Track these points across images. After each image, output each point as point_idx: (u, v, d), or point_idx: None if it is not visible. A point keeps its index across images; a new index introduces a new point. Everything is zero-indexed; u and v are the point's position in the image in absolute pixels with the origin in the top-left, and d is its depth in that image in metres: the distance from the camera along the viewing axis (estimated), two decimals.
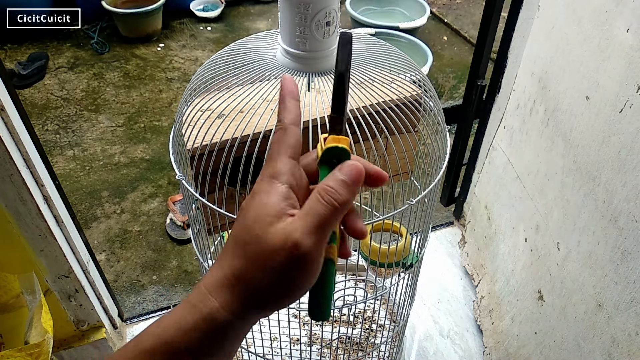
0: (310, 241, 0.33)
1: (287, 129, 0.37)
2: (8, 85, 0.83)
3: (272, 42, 0.70)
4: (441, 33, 3.01)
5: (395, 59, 0.71)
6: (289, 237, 0.32)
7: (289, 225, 0.33)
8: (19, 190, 0.86)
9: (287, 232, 0.33)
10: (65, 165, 2.03)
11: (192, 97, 0.70)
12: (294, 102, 0.38)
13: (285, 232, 0.33)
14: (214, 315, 0.33)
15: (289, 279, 0.33)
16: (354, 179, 0.35)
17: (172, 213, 1.76)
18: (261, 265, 0.33)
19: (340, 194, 0.34)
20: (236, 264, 0.34)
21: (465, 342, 1.31)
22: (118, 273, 1.62)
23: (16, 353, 0.85)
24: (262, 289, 0.33)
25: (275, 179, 0.35)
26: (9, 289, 1.00)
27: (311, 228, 0.33)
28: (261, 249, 0.33)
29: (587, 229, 0.85)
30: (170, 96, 2.42)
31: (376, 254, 0.90)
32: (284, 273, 0.33)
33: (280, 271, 0.33)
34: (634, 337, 0.74)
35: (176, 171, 0.71)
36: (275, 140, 0.37)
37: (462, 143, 1.41)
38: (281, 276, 0.33)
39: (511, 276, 1.16)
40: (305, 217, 0.33)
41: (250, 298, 0.34)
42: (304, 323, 1.14)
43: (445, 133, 0.75)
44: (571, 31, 0.87)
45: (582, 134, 0.86)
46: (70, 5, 2.69)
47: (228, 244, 0.35)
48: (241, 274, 0.33)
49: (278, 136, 0.37)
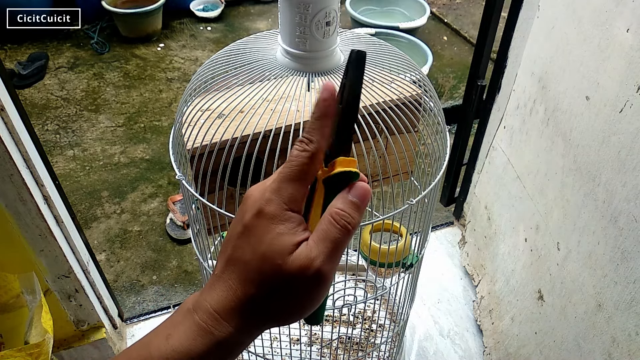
0: (330, 267, 0.34)
1: (317, 155, 0.34)
2: (8, 85, 0.83)
3: (272, 42, 0.70)
4: (441, 33, 3.01)
5: (395, 59, 0.71)
6: (312, 264, 0.33)
7: (308, 251, 0.33)
8: (19, 190, 0.86)
9: (309, 259, 0.33)
10: (65, 165, 2.03)
11: (192, 97, 0.70)
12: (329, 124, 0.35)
13: (308, 259, 0.33)
14: (228, 340, 0.33)
15: (307, 301, 0.34)
16: (364, 200, 0.35)
17: (172, 213, 1.76)
18: (282, 293, 0.33)
19: (353, 217, 0.34)
20: (252, 292, 0.33)
21: (465, 342, 1.31)
22: (118, 273, 1.62)
23: (16, 353, 0.85)
24: (279, 313, 0.34)
25: (288, 206, 0.34)
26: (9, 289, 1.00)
27: (330, 254, 0.33)
28: (282, 278, 0.33)
29: (587, 229, 0.85)
30: (170, 96, 2.42)
31: (376, 254, 0.90)
32: (304, 297, 0.34)
33: (301, 295, 0.34)
34: (634, 337, 0.74)
35: (176, 171, 0.71)
36: (298, 162, 0.34)
37: (462, 143, 1.41)
38: (300, 299, 0.34)
39: (511, 276, 1.16)
40: (322, 242, 0.34)
41: (266, 321, 0.34)
42: (304, 323, 1.14)
43: (445, 133, 0.75)
44: (571, 31, 0.87)
45: (582, 134, 0.86)
46: (70, 5, 2.69)
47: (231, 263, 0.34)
48: (256, 300, 0.34)
49: (302, 160, 0.34)
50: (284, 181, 0.34)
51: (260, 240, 0.33)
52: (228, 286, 0.34)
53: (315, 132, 0.34)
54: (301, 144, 0.34)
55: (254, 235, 0.34)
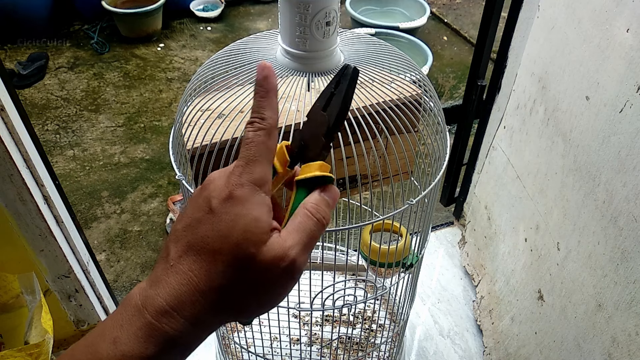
0: (304, 258, 0.33)
1: (271, 130, 0.33)
2: (8, 85, 0.83)
3: (272, 42, 0.70)
4: (441, 33, 3.01)
5: (395, 59, 0.71)
6: (286, 255, 0.32)
7: (282, 241, 0.32)
8: (19, 190, 0.86)
9: (284, 250, 0.32)
10: (65, 165, 2.03)
11: (192, 97, 0.70)
12: (276, 99, 0.34)
13: (282, 249, 0.32)
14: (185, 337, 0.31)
15: (276, 293, 0.33)
16: (334, 203, 0.36)
17: (172, 213, 1.76)
18: (251, 285, 0.32)
19: (326, 213, 0.35)
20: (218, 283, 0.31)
21: (465, 342, 1.31)
22: (118, 273, 1.62)
23: (16, 353, 0.85)
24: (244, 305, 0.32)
25: (259, 188, 0.32)
26: (9, 289, 1.00)
27: (305, 245, 0.33)
28: (254, 268, 0.31)
29: (587, 229, 0.85)
30: (170, 96, 2.42)
31: (376, 254, 0.90)
32: (274, 289, 0.33)
33: (270, 287, 0.32)
34: (634, 337, 0.74)
35: (176, 171, 0.71)
36: (256, 141, 0.33)
37: (462, 143, 1.41)
38: (270, 291, 0.32)
39: (511, 276, 1.16)
40: (297, 233, 0.33)
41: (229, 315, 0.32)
42: (304, 323, 1.14)
43: (445, 133, 0.75)
44: (571, 31, 0.87)
45: (582, 134, 0.86)
46: (70, 5, 2.70)
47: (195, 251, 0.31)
48: (224, 291, 0.31)
49: (260, 138, 0.33)
50: (249, 164, 0.32)
51: (232, 227, 0.31)
52: (188, 278, 0.31)
53: (265, 109, 0.33)
54: (253, 124, 0.33)
55: (223, 221, 0.31)
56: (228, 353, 1.08)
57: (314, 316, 1.14)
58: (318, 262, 1.13)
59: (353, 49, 0.71)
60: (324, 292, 0.80)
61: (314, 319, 1.14)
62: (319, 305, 0.81)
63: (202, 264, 0.31)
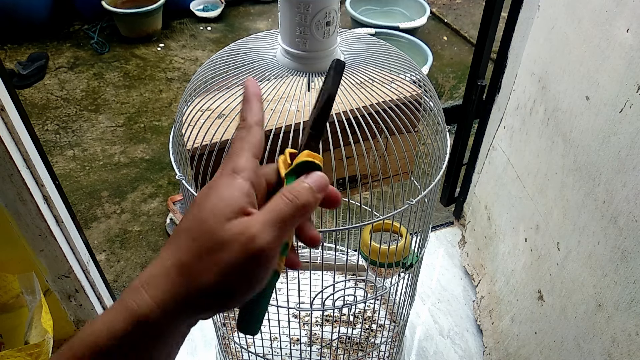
0: (268, 236, 0.32)
1: (251, 127, 0.37)
2: (8, 85, 0.83)
3: (272, 42, 0.70)
4: (441, 33, 3.01)
5: (395, 59, 0.71)
6: (246, 230, 0.31)
7: (248, 220, 0.32)
8: (19, 190, 0.86)
9: (244, 226, 0.32)
10: (65, 165, 2.03)
11: (192, 97, 0.70)
12: (258, 103, 0.38)
13: (242, 226, 0.32)
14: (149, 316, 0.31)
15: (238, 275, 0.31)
16: (319, 187, 0.35)
17: (172, 213, 1.76)
18: (210, 258, 0.31)
19: (303, 195, 0.34)
20: (181, 257, 0.32)
21: (465, 342, 1.31)
22: (118, 273, 1.62)
23: (16, 353, 0.85)
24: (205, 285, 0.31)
25: (236, 174, 0.34)
26: (9, 289, 1.00)
27: (270, 222, 0.32)
28: (213, 241, 0.31)
29: (587, 229, 0.85)
30: (170, 96, 2.42)
31: (376, 254, 0.90)
32: (235, 268, 0.31)
33: (231, 266, 0.31)
34: (634, 337, 0.74)
35: (176, 171, 0.71)
36: (237, 138, 0.37)
37: (462, 143, 1.41)
38: (230, 271, 0.31)
39: (511, 276, 1.16)
40: (265, 213, 0.33)
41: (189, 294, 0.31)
42: (304, 323, 1.14)
43: (445, 133, 0.75)
44: (571, 31, 0.87)
45: (582, 134, 0.86)
46: (70, 5, 2.70)
47: (173, 236, 0.33)
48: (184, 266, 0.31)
49: (241, 134, 0.37)
50: (231, 156, 0.36)
51: (201, 207, 0.33)
52: (160, 258, 0.33)
53: (246, 112, 0.38)
54: (237, 127, 0.38)
55: (197, 204, 0.33)
56: (228, 353, 1.08)
57: (314, 316, 1.14)
58: (318, 262, 1.13)
59: (353, 49, 0.71)
60: (324, 292, 0.80)
61: (314, 319, 1.14)
62: (319, 305, 0.81)
63: (173, 244, 0.33)
